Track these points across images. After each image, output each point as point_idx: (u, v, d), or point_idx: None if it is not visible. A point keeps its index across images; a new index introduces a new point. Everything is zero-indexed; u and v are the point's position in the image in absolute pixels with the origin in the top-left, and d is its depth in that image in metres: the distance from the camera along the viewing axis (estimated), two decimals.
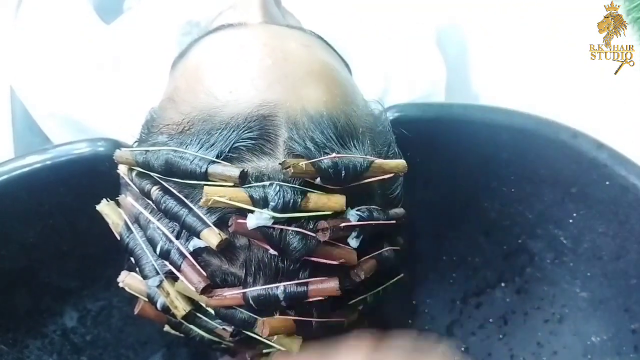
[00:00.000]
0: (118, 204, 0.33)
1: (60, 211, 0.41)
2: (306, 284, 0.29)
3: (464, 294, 0.52)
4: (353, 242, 0.30)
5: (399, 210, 0.34)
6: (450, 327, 0.52)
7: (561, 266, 0.48)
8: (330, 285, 0.29)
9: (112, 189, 0.35)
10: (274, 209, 0.27)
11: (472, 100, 0.66)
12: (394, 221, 0.33)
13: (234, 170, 0.27)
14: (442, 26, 0.65)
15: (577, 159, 0.44)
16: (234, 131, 0.28)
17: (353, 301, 0.34)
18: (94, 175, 0.38)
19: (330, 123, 0.30)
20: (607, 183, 0.43)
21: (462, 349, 0.51)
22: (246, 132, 0.28)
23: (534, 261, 0.49)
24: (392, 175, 0.31)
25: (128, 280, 0.33)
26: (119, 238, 0.32)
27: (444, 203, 0.49)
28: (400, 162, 0.31)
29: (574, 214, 0.46)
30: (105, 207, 0.33)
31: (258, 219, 0.27)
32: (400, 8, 0.62)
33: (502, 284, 0.50)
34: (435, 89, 0.61)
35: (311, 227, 0.28)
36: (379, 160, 0.30)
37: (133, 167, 0.31)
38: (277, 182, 0.28)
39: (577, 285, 0.47)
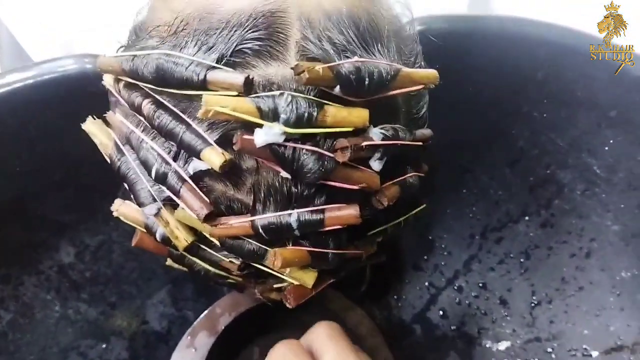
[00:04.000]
0: (107, 122, 0.29)
1: (48, 137, 0.37)
2: (322, 211, 0.26)
3: (483, 228, 0.49)
4: (375, 165, 0.26)
5: (426, 131, 0.31)
6: (468, 262, 0.49)
7: (592, 198, 0.44)
8: (350, 212, 0.26)
9: (103, 112, 0.31)
10: (286, 123, 0.23)
11: None
12: (421, 143, 0.29)
13: (237, 77, 0.23)
14: None
15: (619, 78, 0.40)
16: (236, 30, 0.24)
17: (372, 232, 0.31)
18: (81, 96, 0.34)
19: (351, 22, 0.25)
20: None
21: (480, 284, 0.49)
22: (251, 31, 0.24)
23: (562, 193, 0.45)
24: (421, 87, 0.26)
25: (123, 209, 0.29)
26: (109, 161, 0.29)
27: (467, 131, 0.45)
28: (431, 72, 0.27)
29: (611, 141, 0.43)
30: (91, 126, 0.29)
31: (267, 134, 0.23)
32: None
33: (526, 218, 0.47)
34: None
35: (328, 146, 0.25)
36: (406, 69, 0.26)
37: (120, 77, 0.27)
38: (289, 92, 0.23)
39: (609, 218, 0.44)
